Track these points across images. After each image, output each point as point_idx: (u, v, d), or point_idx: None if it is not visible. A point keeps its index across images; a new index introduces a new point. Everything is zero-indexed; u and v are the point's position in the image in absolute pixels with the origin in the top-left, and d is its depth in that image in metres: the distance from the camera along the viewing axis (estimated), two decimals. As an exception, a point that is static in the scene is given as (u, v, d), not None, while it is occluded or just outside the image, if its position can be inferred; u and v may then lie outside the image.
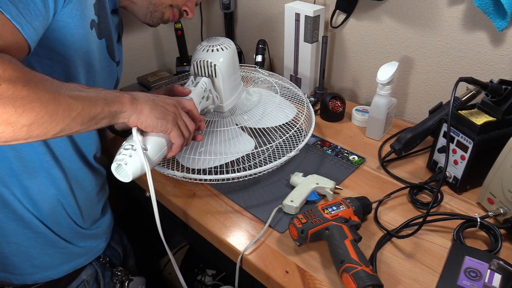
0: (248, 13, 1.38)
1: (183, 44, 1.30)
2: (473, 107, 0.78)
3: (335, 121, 1.06)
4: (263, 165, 0.78)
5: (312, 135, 0.95)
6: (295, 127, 0.87)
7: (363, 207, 0.71)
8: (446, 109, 0.86)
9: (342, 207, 0.69)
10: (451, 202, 0.77)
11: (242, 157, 0.82)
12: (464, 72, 0.93)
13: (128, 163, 0.57)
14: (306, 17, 1.05)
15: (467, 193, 0.79)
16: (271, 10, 1.29)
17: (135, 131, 0.59)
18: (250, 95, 0.96)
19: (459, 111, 0.77)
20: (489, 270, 0.60)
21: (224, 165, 0.79)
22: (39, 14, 0.50)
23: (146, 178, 0.60)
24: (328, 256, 0.65)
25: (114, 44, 0.71)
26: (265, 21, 1.33)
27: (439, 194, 0.78)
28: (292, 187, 0.79)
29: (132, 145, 0.59)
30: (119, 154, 0.58)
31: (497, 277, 0.59)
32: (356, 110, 1.05)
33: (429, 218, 0.70)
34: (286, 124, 0.89)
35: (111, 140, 0.87)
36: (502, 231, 0.68)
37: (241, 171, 0.78)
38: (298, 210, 0.75)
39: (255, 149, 0.82)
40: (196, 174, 0.78)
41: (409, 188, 0.80)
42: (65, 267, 0.74)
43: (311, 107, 0.95)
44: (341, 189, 0.81)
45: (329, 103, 1.03)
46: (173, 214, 0.85)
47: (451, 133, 0.76)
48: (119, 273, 0.84)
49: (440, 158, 0.82)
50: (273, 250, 0.69)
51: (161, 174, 0.86)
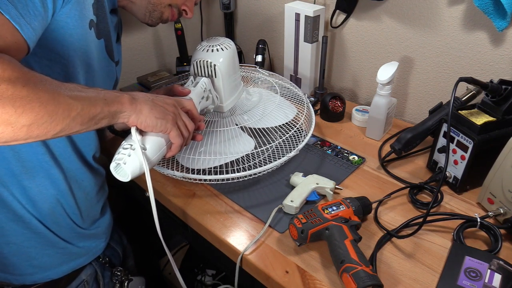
0: (248, 13, 1.38)
1: (183, 44, 1.30)
2: (473, 107, 0.78)
3: (335, 121, 1.06)
4: (263, 165, 0.78)
5: (312, 135, 0.95)
6: (295, 127, 0.87)
7: (363, 207, 0.71)
8: (446, 109, 0.86)
9: (342, 207, 0.69)
10: (451, 202, 0.77)
11: (242, 157, 0.81)
12: (464, 72, 0.93)
13: (127, 163, 0.57)
14: (306, 17, 1.05)
15: (467, 193, 0.79)
16: (271, 10, 1.29)
17: (134, 131, 0.59)
18: (250, 95, 0.96)
19: (459, 111, 0.77)
20: (489, 270, 0.60)
21: (224, 165, 0.79)
22: (38, 14, 0.50)
23: (145, 178, 0.59)
24: (328, 256, 0.65)
25: (113, 44, 0.71)
26: (265, 21, 1.33)
27: (439, 194, 0.78)
28: (292, 187, 0.79)
29: (131, 145, 0.59)
30: (118, 154, 0.58)
31: (497, 277, 0.59)
32: (356, 110, 1.05)
33: (429, 218, 0.70)
34: (286, 124, 0.89)
35: (111, 140, 0.88)
36: (502, 231, 0.68)
37: (241, 171, 0.77)
38: (298, 210, 0.75)
39: (255, 149, 0.82)
40: (196, 174, 0.77)
41: (409, 188, 0.80)
42: (65, 267, 0.74)
43: (311, 107, 0.95)
44: (341, 189, 0.81)
45: (329, 103, 1.03)
46: (173, 214, 0.85)
47: (451, 133, 0.76)
48: (119, 273, 0.84)
49: (440, 158, 0.82)
50: (273, 250, 0.69)
51: (161, 174, 0.86)
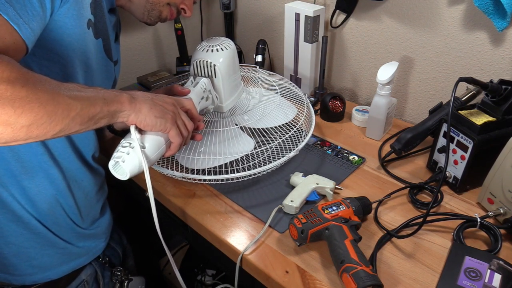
0: (248, 13, 1.38)
1: (183, 44, 1.30)
2: (473, 107, 0.78)
3: (335, 121, 1.06)
4: (263, 165, 0.78)
5: (312, 135, 0.95)
6: (295, 127, 0.87)
7: (363, 207, 0.71)
8: (446, 109, 0.86)
9: (342, 207, 0.69)
10: (451, 202, 0.77)
11: (242, 157, 0.81)
12: (464, 72, 0.93)
13: (126, 161, 0.57)
14: (306, 17, 1.05)
15: (467, 193, 0.79)
16: (271, 10, 1.29)
17: (133, 129, 0.58)
18: (250, 95, 0.96)
19: (459, 111, 0.76)
20: (489, 270, 0.59)
21: (224, 165, 0.79)
22: (36, 15, 0.50)
23: (145, 178, 0.59)
24: (328, 256, 0.65)
25: (112, 44, 0.71)
26: (265, 21, 1.33)
27: (439, 194, 0.78)
28: (292, 187, 0.79)
29: (130, 143, 0.58)
30: (117, 152, 0.58)
31: (497, 277, 0.58)
32: (356, 110, 1.05)
33: (429, 218, 0.70)
34: (286, 124, 0.89)
35: (110, 140, 0.87)
36: (502, 231, 0.68)
37: (241, 171, 0.77)
38: (298, 210, 0.75)
39: (255, 150, 0.82)
40: (196, 174, 0.77)
41: (409, 188, 0.80)
42: (65, 267, 0.74)
43: (311, 107, 0.95)
44: (341, 189, 0.81)
45: (329, 103, 1.03)
46: (173, 214, 0.85)
47: (451, 133, 0.76)
48: (119, 273, 0.84)
49: (440, 158, 0.82)
50: (273, 250, 0.69)
51: (161, 174, 0.86)
